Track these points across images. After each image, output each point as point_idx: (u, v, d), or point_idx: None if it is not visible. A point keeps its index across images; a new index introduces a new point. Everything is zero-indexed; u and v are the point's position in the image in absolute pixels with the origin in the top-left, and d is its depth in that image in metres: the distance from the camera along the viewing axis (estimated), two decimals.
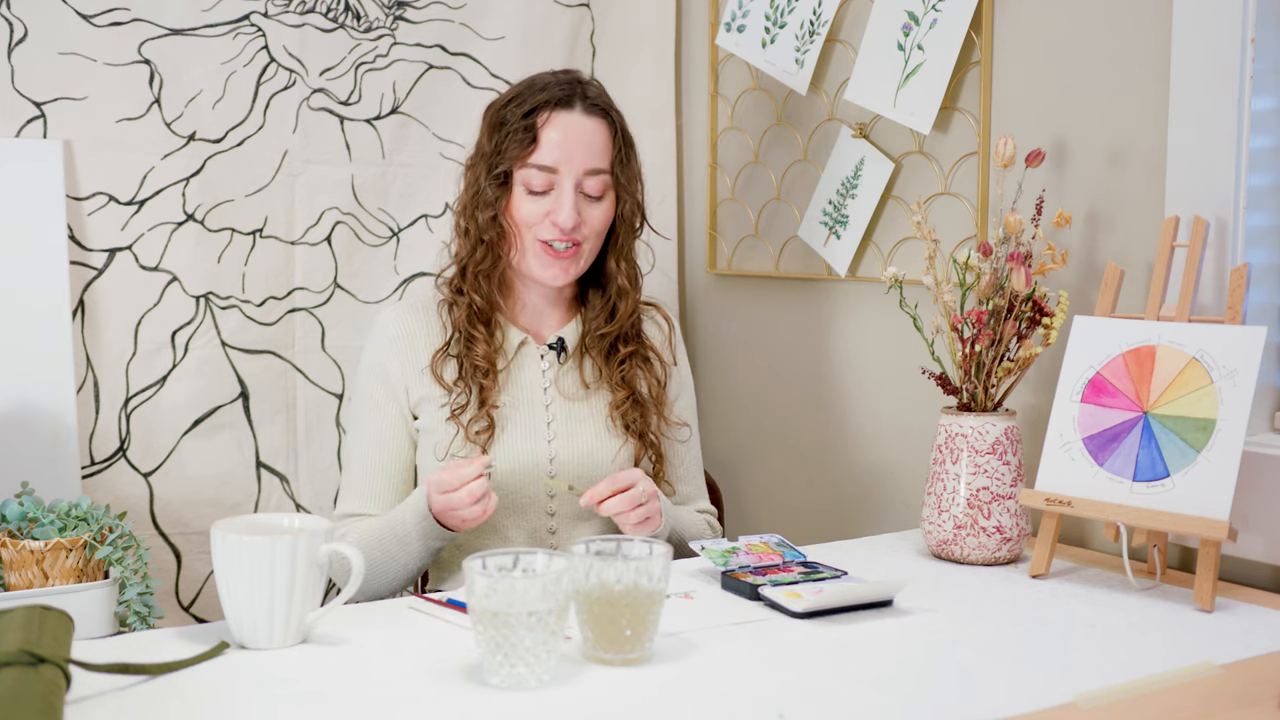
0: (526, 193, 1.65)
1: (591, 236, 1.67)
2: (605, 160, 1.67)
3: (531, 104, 1.65)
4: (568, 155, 1.64)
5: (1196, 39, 1.56)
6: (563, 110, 1.65)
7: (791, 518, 2.24)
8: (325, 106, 2.11)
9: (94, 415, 1.95)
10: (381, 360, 1.71)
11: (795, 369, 2.22)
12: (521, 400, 1.69)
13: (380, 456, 1.70)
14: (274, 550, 1.21)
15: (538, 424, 1.69)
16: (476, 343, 1.67)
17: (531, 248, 1.66)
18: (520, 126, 1.65)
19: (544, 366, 1.72)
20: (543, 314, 1.75)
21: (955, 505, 1.59)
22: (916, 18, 1.92)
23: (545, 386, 1.71)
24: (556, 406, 1.70)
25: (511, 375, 1.70)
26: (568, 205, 1.63)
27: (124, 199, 1.96)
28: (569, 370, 1.73)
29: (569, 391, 1.72)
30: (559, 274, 1.67)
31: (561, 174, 1.64)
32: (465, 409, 1.65)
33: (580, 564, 1.19)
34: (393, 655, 1.23)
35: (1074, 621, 1.35)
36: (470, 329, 1.68)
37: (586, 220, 1.66)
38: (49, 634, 1.08)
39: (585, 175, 1.65)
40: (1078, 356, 1.55)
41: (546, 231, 1.65)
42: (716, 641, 1.27)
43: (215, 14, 2.01)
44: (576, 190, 1.65)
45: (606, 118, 1.68)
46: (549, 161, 1.64)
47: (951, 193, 1.91)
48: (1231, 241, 1.55)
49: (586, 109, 1.67)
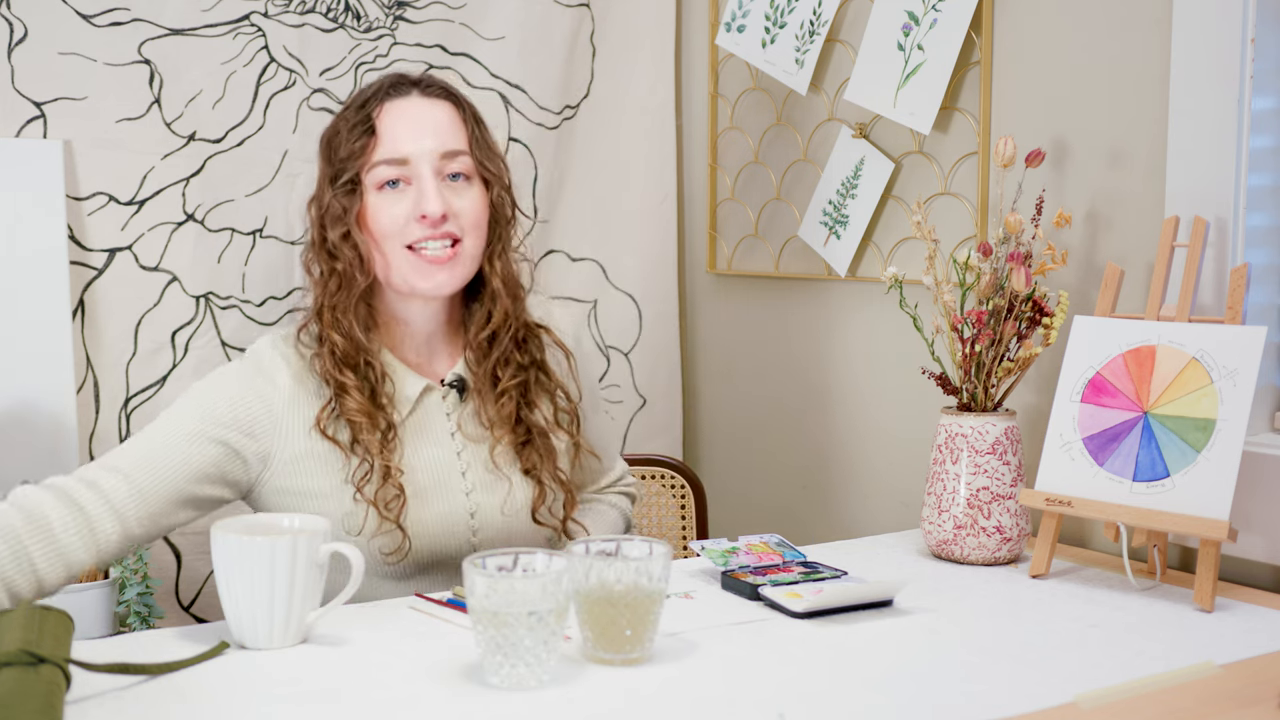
0: (381, 198, 1.46)
1: (469, 230, 1.47)
2: (460, 141, 1.48)
3: (361, 100, 1.50)
4: (417, 141, 1.45)
5: (1196, 39, 1.56)
6: (397, 98, 1.49)
7: (791, 518, 2.24)
8: (325, 106, 2.11)
9: (94, 415, 1.95)
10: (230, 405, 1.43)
11: (795, 369, 2.22)
12: (431, 455, 1.49)
13: (171, 474, 1.39)
14: (274, 550, 1.21)
15: (452, 478, 1.50)
16: (348, 392, 1.43)
17: (401, 259, 1.46)
18: (356, 122, 1.47)
19: (446, 409, 1.52)
20: (433, 346, 1.54)
21: (955, 505, 1.60)
22: (916, 18, 1.92)
23: (452, 432, 1.52)
24: (468, 454, 1.51)
25: (416, 429, 1.50)
26: (431, 191, 1.44)
27: (124, 199, 1.96)
28: (469, 409, 1.53)
29: (474, 434, 1.52)
30: (443, 280, 1.46)
31: (415, 163, 1.45)
32: (370, 478, 1.43)
33: (580, 564, 1.19)
34: (393, 655, 1.23)
35: (1074, 621, 1.35)
36: (338, 375, 1.44)
37: (458, 210, 1.46)
38: (49, 634, 1.08)
39: (442, 160, 1.46)
40: (1078, 356, 1.55)
41: (414, 233, 1.45)
42: (716, 641, 1.27)
43: (215, 14, 2.01)
44: (437, 177, 1.45)
45: (450, 99, 1.51)
46: (397, 152, 1.45)
47: (951, 193, 1.91)
48: (1231, 241, 1.55)
49: (424, 92, 1.50)
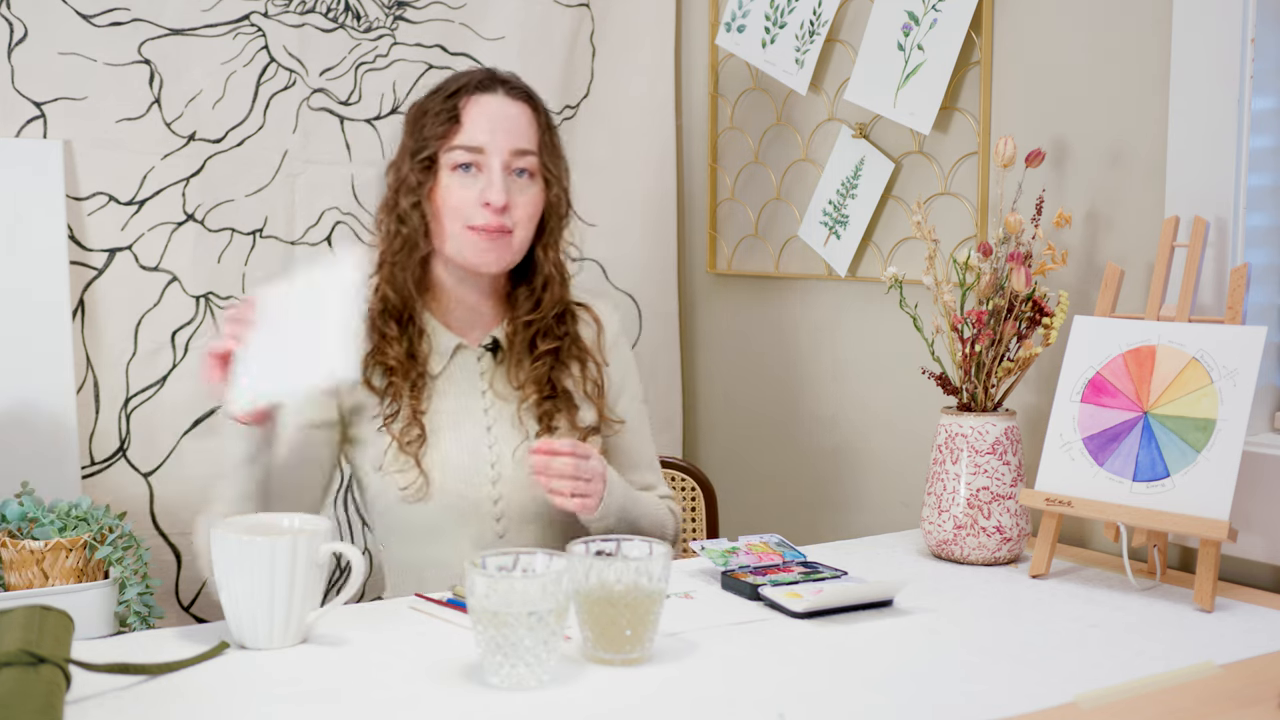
0: (453, 178, 1.61)
1: (523, 222, 1.62)
2: (531, 142, 1.63)
3: (452, 89, 1.64)
4: (492, 135, 1.60)
5: (1196, 39, 1.56)
6: (484, 93, 1.63)
7: (791, 518, 2.24)
8: (325, 106, 2.11)
9: (94, 415, 1.95)
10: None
11: (795, 369, 2.22)
12: (459, 405, 1.64)
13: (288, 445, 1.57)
14: (274, 550, 1.21)
15: (476, 429, 1.64)
16: (388, 342, 1.61)
17: (461, 235, 1.61)
18: (443, 109, 1.62)
19: (480, 369, 1.67)
20: (475, 315, 1.69)
21: (955, 505, 1.59)
22: (916, 18, 1.92)
23: (483, 390, 1.66)
24: (495, 410, 1.66)
25: (448, 382, 1.65)
26: (498, 182, 1.59)
27: (124, 199, 1.96)
28: (502, 371, 1.68)
29: (503, 393, 1.67)
30: (493, 260, 1.61)
31: (488, 153, 1.60)
32: (396, 417, 1.60)
33: (580, 564, 1.19)
34: (393, 655, 1.23)
35: (1074, 621, 1.35)
36: (382, 325, 1.62)
37: (517, 204, 1.61)
38: (49, 634, 1.08)
39: (512, 156, 1.61)
40: (1078, 356, 1.55)
41: (477, 217, 1.59)
42: (716, 641, 1.27)
43: (215, 14, 2.01)
44: (505, 171, 1.60)
45: (529, 102, 1.66)
46: (475, 141, 1.60)
47: (951, 193, 1.91)
48: (1231, 241, 1.55)
49: (508, 92, 1.65)
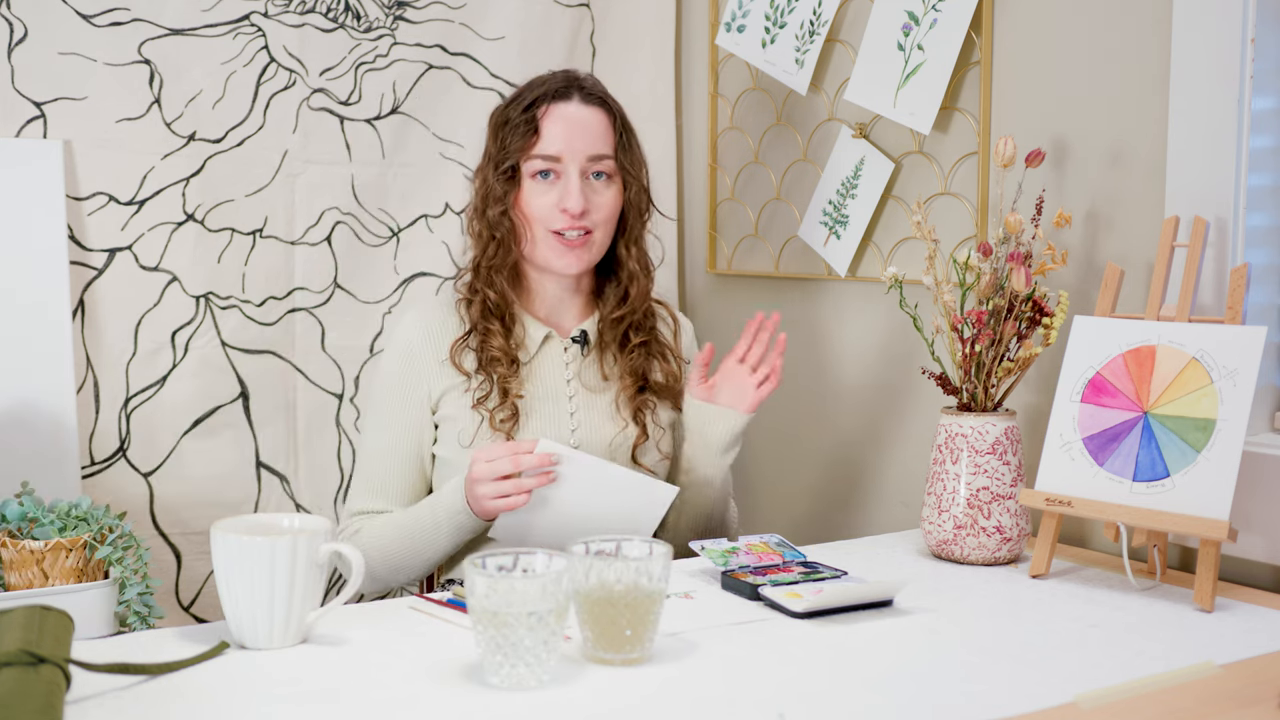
0: (534, 186, 1.71)
1: (602, 223, 1.72)
2: (607, 146, 1.72)
3: (530, 99, 1.73)
4: (569, 143, 1.70)
5: (1196, 39, 1.56)
6: (560, 101, 1.72)
7: (791, 517, 2.24)
8: (325, 106, 2.11)
9: (94, 415, 1.95)
10: (407, 357, 1.74)
11: (795, 369, 2.22)
12: (545, 392, 1.74)
13: (400, 455, 1.73)
14: (274, 550, 1.21)
15: (561, 415, 1.73)
16: (492, 336, 1.72)
17: (544, 239, 1.71)
18: (521, 120, 1.71)
19: (567, 359, 1.76)
20: (562, 307, 1.79)
21: (955, 505, 1.59)
22: (916, 18, 1.92)
23: (569, 379, 1.76)
24: (580, 398, 1.75)
25: (535, 368, 1.75)
26: (575, 190, 1.68)
27: (124, 199, 1.96)
28: (591, 362, 1.78)
29: (591, 383, 1.77)
30: (573, 262, 1.71)
31: (565, 161, 1.70)
32: (488, 398, 1.70)
33: (580, 564, 1.19)
34: (393, 655, 1.23)
35: (1074, 621, 1.35)
36: (486, 323, 1.73)
37: (595, 206, 1.71)
38: (49, 634, 1.08)
39: (589, 161, 1.71)
40: (1078, 356, 1.55)
41: (557, 221, 1.69)
42: (716, 641, 1.27)
43: (215, 14, 2.01)
44: (582, 177, 1.70)
45: (604, 106, 1.75)
46: (552, 150, 1.70)
47: (951, 193, 1.91)
48: (1231, 241, 1.55)
49: (583, 99, 1.73)
